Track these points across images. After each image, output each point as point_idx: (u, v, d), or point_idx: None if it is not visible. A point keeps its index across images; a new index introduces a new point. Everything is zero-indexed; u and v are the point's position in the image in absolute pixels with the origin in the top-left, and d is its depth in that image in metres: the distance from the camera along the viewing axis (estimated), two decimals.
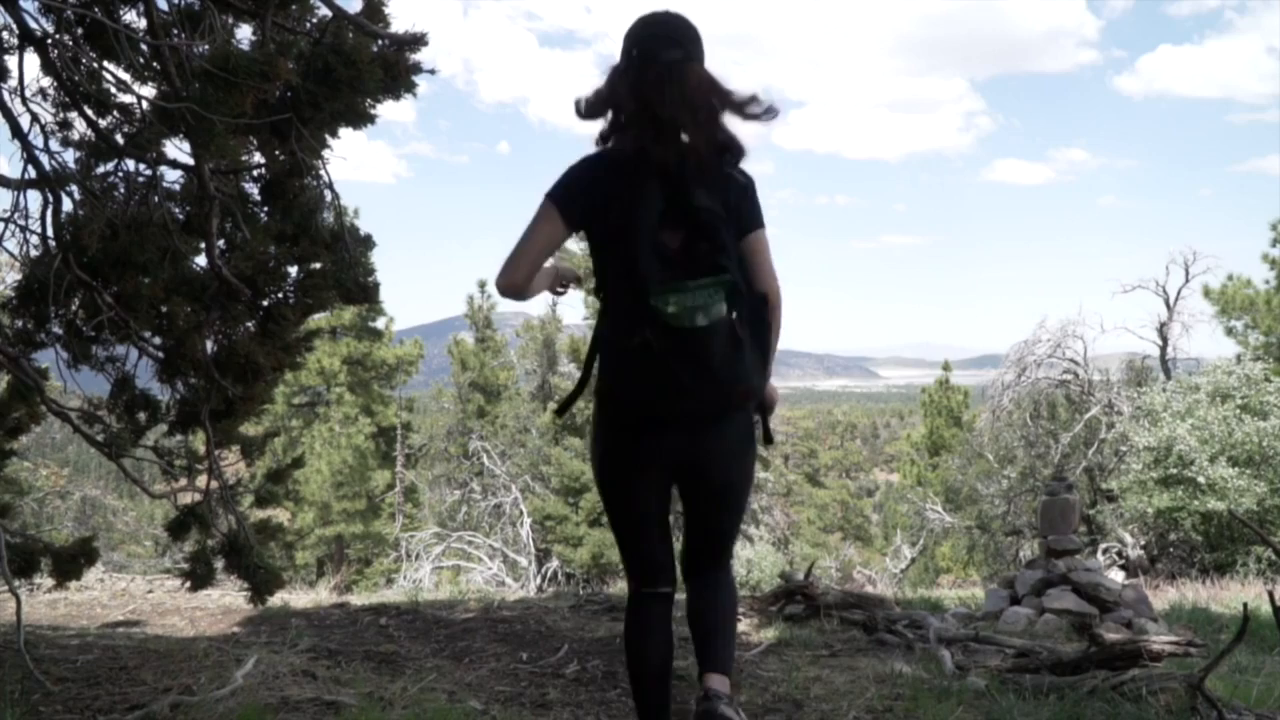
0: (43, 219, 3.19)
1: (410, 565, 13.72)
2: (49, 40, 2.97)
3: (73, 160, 3.27)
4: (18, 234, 3.28)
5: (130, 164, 3.33)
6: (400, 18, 3.24)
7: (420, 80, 3.22)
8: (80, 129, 3.34)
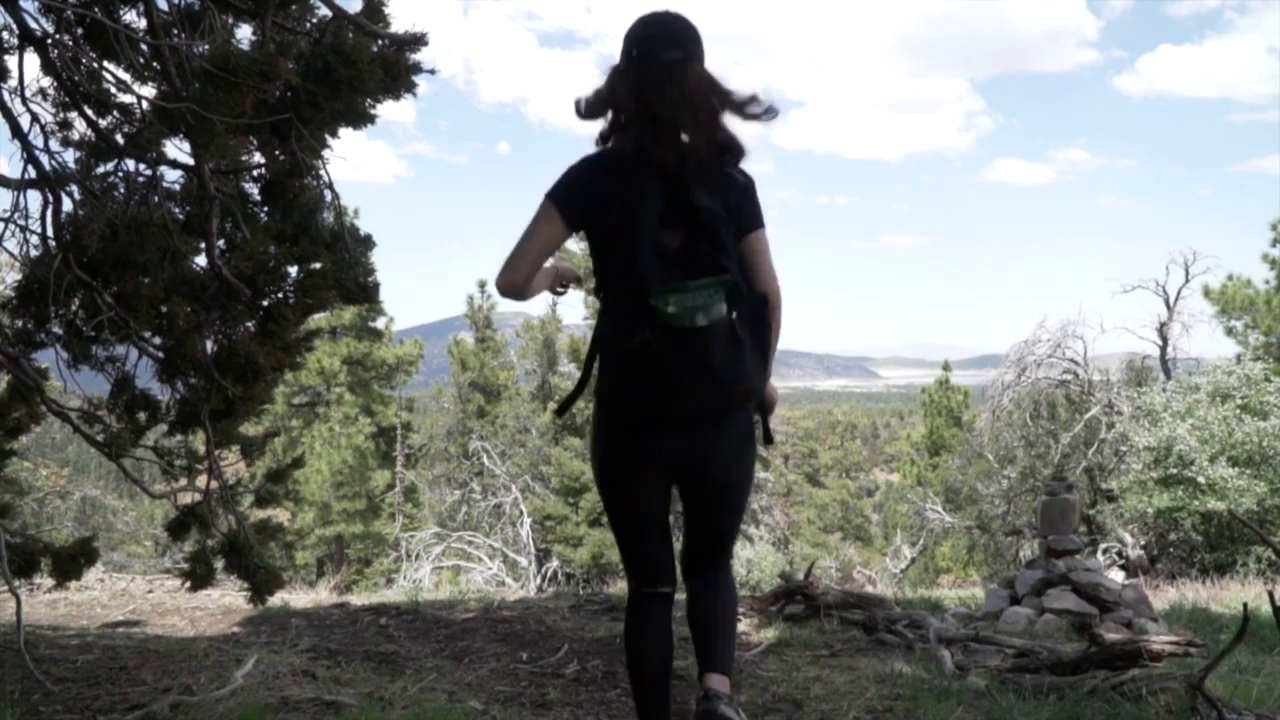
0: (43, 219, 3.19)
1: (410, 565, 13.72)
2: (49, 40, 2.97)
3: (73, 160, 3.28)
4: (18, 234, 3.28)
5: (130, 164, 3.33)
6: (400, 18, 3.25)
7: (420, 80, 3.23)
8: (80, 129, 3.35)
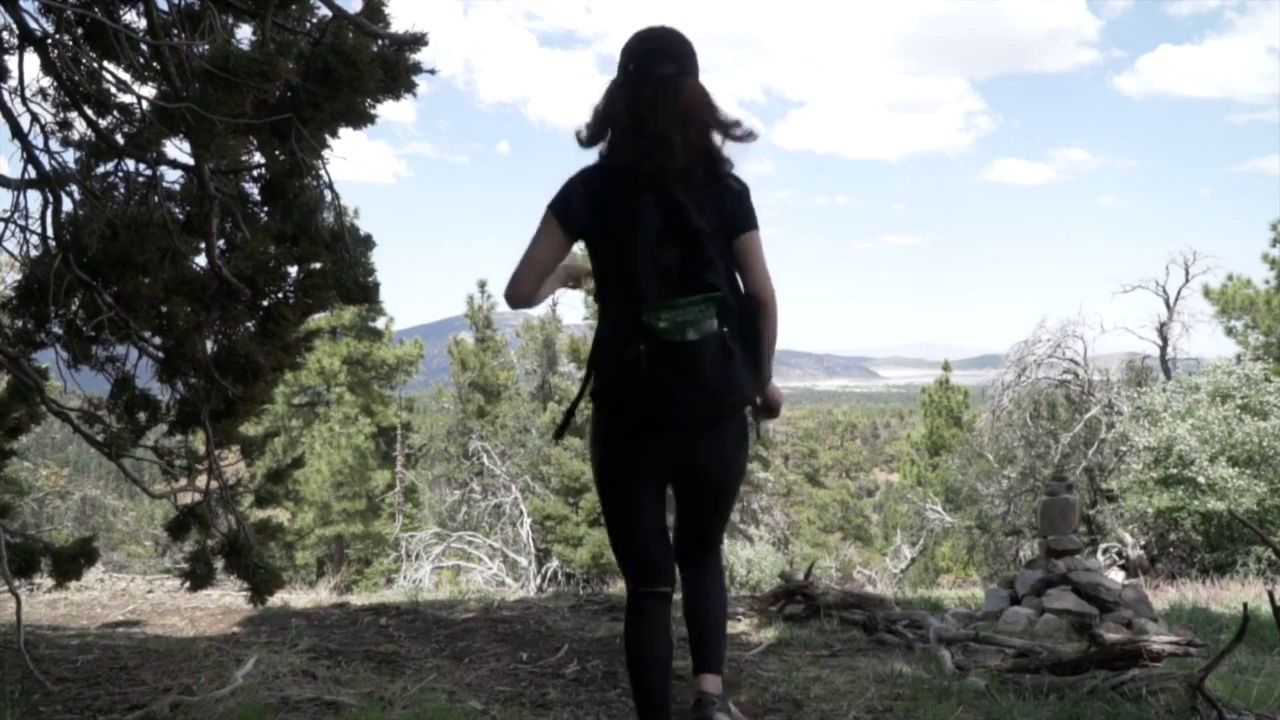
0: (43, 219, 3.19)
1: (410, 565, 13.72)
2: (49, 40, 2.97)
3: (73, 160, 3.27)
4: (18, 234, 3.28)
5: (130, 164, 3.33)
6: (400, 18, 3.25)
7: (420, 80, 3.23)
8: (80, 129, 3.35)
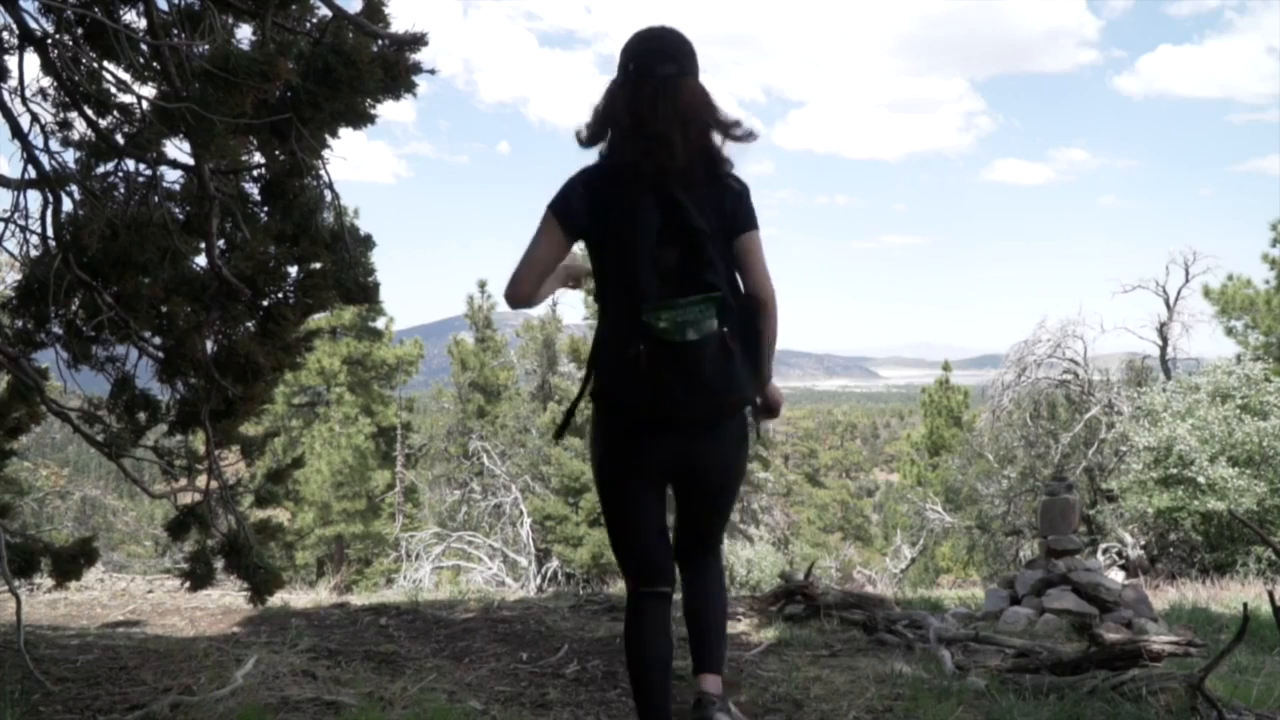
0: (43, 219, 3.19)
1: (410, 565, 13.72)
2: (49, 40, 2.97)
3: (73, 160, 3.27)
4: (18, 234, 3.28)
5: (130, 164, 3.33)
6: (400, 18, 3.25)
7: (420, 80, 3.23)
8: (80, 129, 3.34)
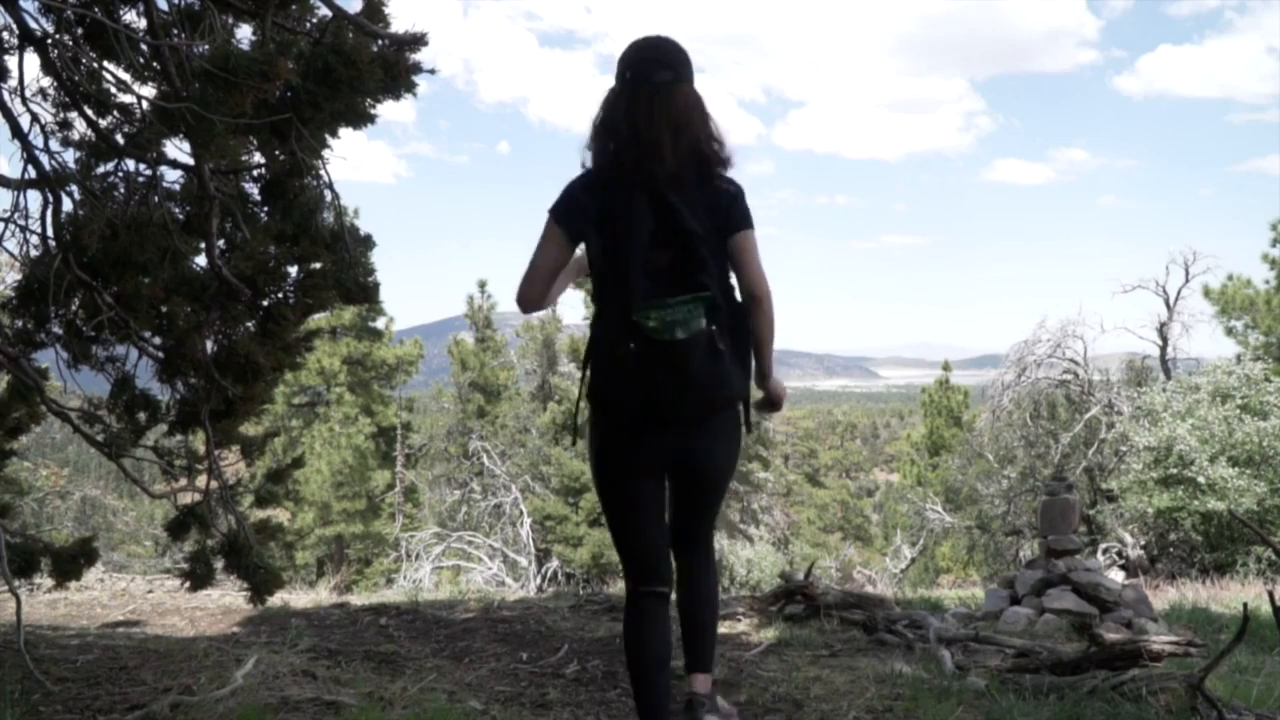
0: (43, 219, 3.19)
1: (410, 565, 13.72)
2: (49, 40, 2.97)
3: (73, 160, 3.27)
4: (18, 234, 3.28)
5: (130, 164, 3.32)
6: (400, 18, 3.25)
7: (420, 80, 3.23)
8: (80, 129, 3.34)
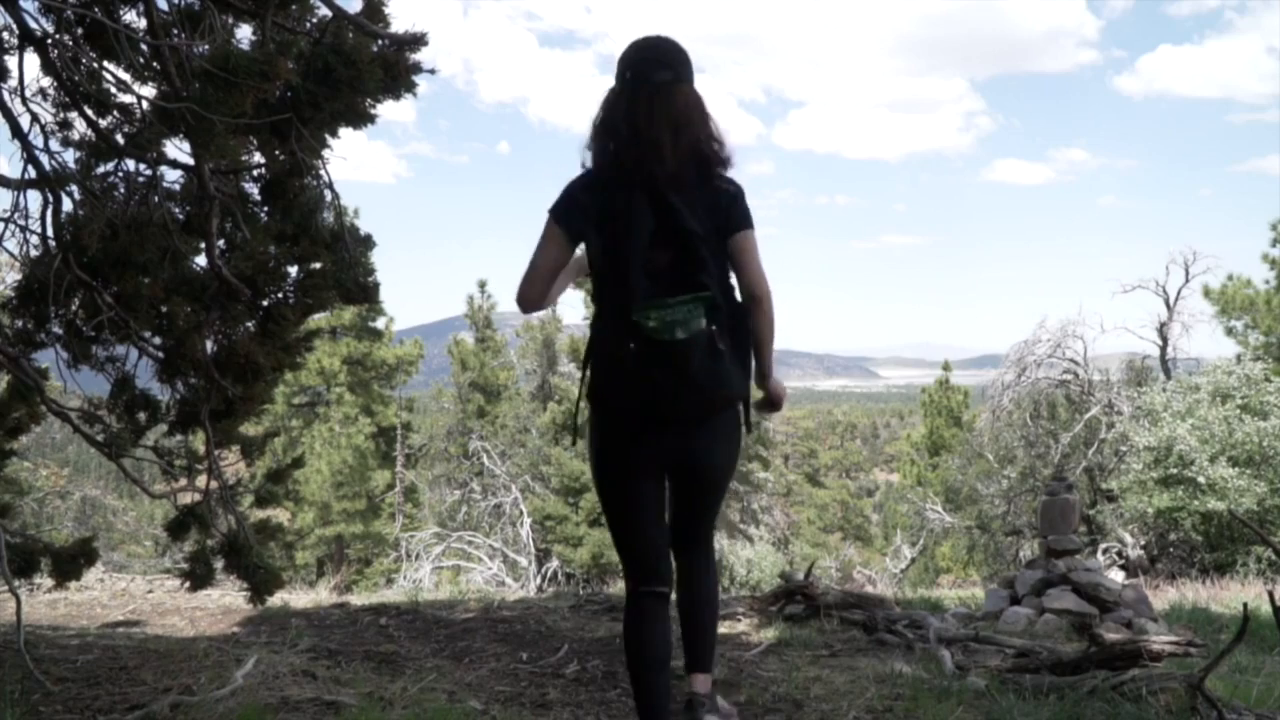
0: (43, 219, 3.19)
1: (410, 565, 13.72)
2: (49, 40, 2.97)
3: (73, 160, 3.27)
4: (18, 234, 3.28)
5: (130, 164, 3.32)
6: (400, 18, 3.25)
7: (420, 80, 3.23)
8: (80, 129, 3.34)
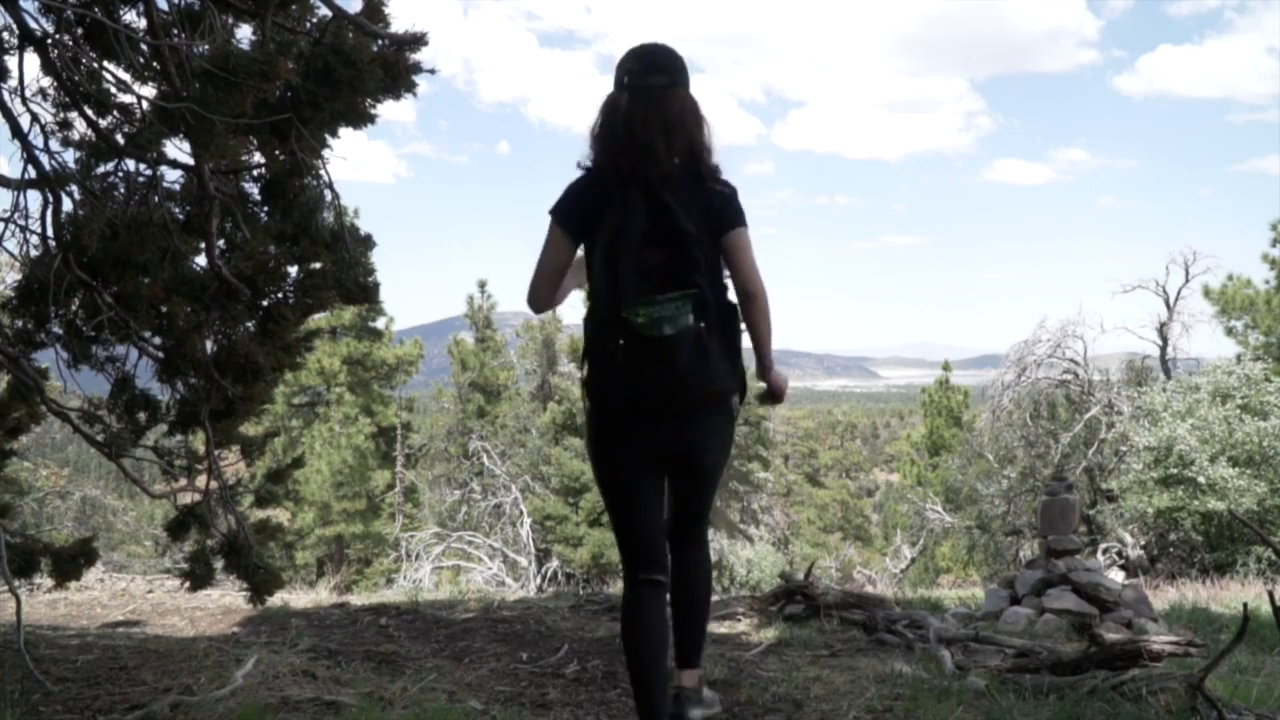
0: (43, 219, 3.19)
1: (410, 565, 13.72)
2: (49, 40, 2.97)
3: (73, 160, 3.27)
4: (18, 234, 3.27)
5: (130, 164, 3.32)
6: (400, 18, 3.25)
7: (420, 80, 3.23)
8: (80, 129, 3.34)
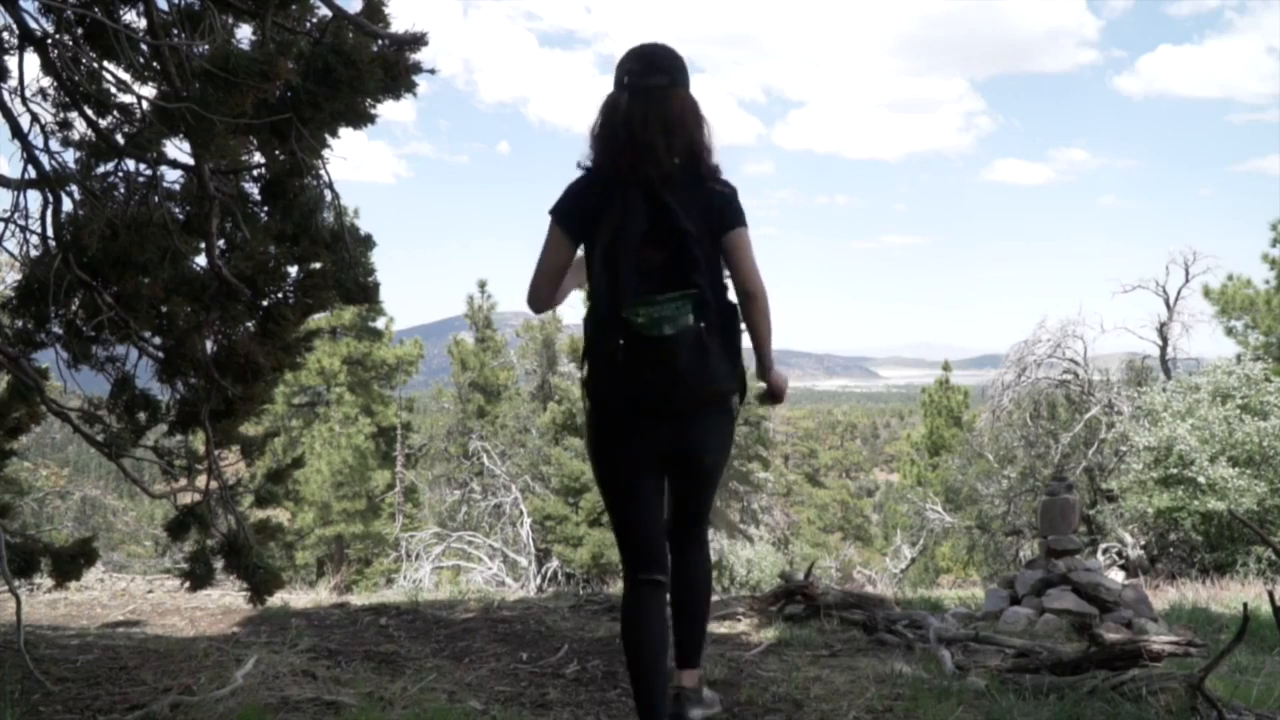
0: (43, 219, 3.19)
1: (410, 565, 13.73)
2: (49, 40, 2.97)
3: (73, 160, 3.27)
4: (18, 234, 3.27)
5: (130, 164, 3.32)
6: (400, 18, 3.25)
7: (420, 80, 3.23)
8: (80, 129, 3.34)
